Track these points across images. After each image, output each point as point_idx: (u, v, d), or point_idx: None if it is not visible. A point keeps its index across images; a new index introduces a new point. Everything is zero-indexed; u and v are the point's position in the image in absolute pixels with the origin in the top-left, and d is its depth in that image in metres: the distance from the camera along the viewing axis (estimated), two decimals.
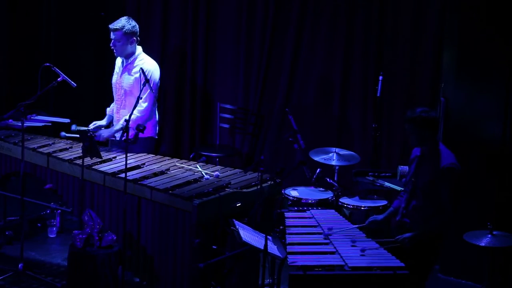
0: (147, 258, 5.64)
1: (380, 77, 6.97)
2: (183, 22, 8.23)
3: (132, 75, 6.44)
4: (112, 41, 6.39)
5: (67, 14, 8.90)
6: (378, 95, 7.01)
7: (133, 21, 6.42)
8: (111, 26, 6.37)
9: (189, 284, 5.41)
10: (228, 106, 8.09)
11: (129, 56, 6.46)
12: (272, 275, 5.35)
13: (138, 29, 6.43)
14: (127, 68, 6.47)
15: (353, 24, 7.42)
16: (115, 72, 6.63)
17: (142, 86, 5.97)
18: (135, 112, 6.25)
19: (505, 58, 6.34)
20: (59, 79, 6.32)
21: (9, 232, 6.99)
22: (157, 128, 6.63)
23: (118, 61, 6.60)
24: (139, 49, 6.50)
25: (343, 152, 6.89)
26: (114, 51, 6.45)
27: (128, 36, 6.36)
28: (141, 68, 6.18)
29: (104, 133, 6.46)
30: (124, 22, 6.36)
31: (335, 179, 6.81)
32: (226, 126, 8.13)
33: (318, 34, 7.59)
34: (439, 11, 6.96)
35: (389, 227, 5.81)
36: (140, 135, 6.30)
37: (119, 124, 6.40)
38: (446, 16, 6.83)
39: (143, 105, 6.33)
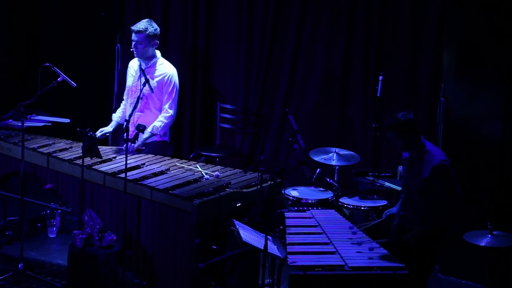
0: (147, 258, 5.64)
1: (380, 77, 6.97)
2: (183, 22, 8.23)
3: (152, 79, 6.38)
4: (134, 43, 6.32)
5: (67, 14, 8.90)
6: (378, 95, 7.01)
7: (155, 23, 6.36)
8: (133, 27, 6.30)
9: (189, 284, 5.41)
10: (228, 106, 8.10)
11: (149, 59, 6.41)
12: (272, 275, 5.35)
13: (159, 33, 6.39)
14: (146, 72, 6.39)
15: (353, 24, 7.41)
16: (130, 74, 6.54)
17: (142, 86, 5.97)
18: (161, 118, 6.28)
19: (505, 58, 6.34)
20: (59, 79, 6.32)
21: (9, 232, 6.99)
22: (169, 132, 6.62)
23: (135, 64, 6.51)
24: (158, 53, 6.46)
25: (343, 152, 6.89)
26: (135, 52, 6.39)
27: (150, 38, 6.31)
28: (140, 68, 6.18)
29: (135, 144, 6.27)
30: (146, 25, 6.30)
31: (335, 179, 6.81)
32: (226, 126, 8.13)
33: (318, 34, 7.59)
34: (439, 11, 6.95)
35: (389, 228, 5.81)
36: (155, 138, 6.31)
37: (147, 133, 6.28)
38: (446, 16, 6.83)
39: (170, 111, 6.33)
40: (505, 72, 6.36)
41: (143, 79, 6.04)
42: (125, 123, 6.27)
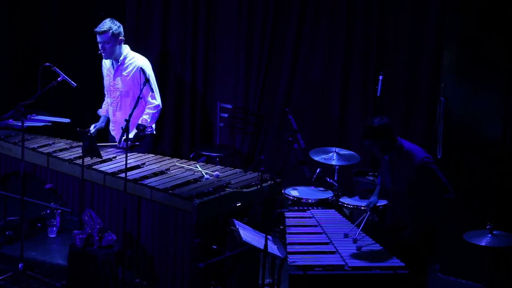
0: (147, 258, 5.64)
1: (380, 77, 6.97)
2: (183, 22, 8.23)
3: (126, 76, 6.44)
4: (101, 44, 6.37)
5: (67, 14, 8.90)
6: (378, 95, 7.01)
7: (117, 22, 6.42)
8: (97, 29, 6.35)
9: (189, 284, 5.41)
10: (228, 106, 8.09)
11: (118, 57, 6.45)
12: (272, 275, 5.35)
13: (122, 30, 6.44)
14: (119, 70, 6.47)
15: (353, 24, 7.41)
16: (105, 74, 6.63)
17: (142, 86, 5.97)
18: (148, 110, 6.28)
19: (505, 58, 6.34)
20: (59, 79, 6.32)
21: (9, 232, 6.99)
22: (155, 124, 6.64)
23: (107, 63, 6.59)
24: (126, 48, 6.51)
25: (343, 152, 6.89)
26: (103, 54, 6.44)
27: (116, 37, 6.36)
28: (140, 68, 6.18)
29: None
30: (110, 24, 6.35)
31: (335, 179, 6.81)
32: (226, 126, 8.12)
33: (318, 34, 7.59)
34: (439, 11, 6.96)
35: (386, 227, 5.80)
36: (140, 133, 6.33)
37: (134, 129, 6.31)
38: (446, 16, 6.83)
39: (153, 101, 6.37)
40: (505, 72, 6.36)
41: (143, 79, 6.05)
42: (115, 122, 6.30)
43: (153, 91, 6.36)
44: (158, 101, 6.42)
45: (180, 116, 8.36)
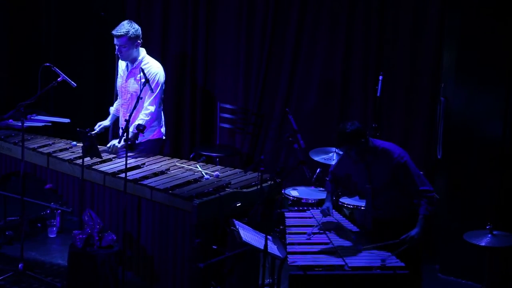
0: (147, 258, 5.64)
1: (380, 77, 6.97)
2: (183, 22, 8.23)
3: (138, 80, 6.36)
4: (117, 47, 6.28)
5: (67, 14, 8.91)
6: (378, 95, 7.00)
7: (135, 24, 6.32)
8: (114, 32, 6.24)
9: (189, 284, 5.41)
10: (228, 106, 8.09)
11: (134, 60, 6.39)
12: (272, 275, 5.35)
13: (141, 32, 6.37)
14: (132, 73, 6.40)
15: (353, 24, 7.41)
16: (119, 75, 6.57)
17: (142, 86, 5.96)
18: (142, 116, 6.23)
19: (505, 58, 6.34)
20: (59, 79, 6.31)
21: (9, 232, 6.99)
22: (164, 128, 6.62)
23: (122, 64, 6.51)
24: (143, 51, 6.43)
25: None
26: (120, 56, 6.38)
27: (133, 40, 6.27)
28: (140, 67, 6.16)
29: (118, 144, 6.23)
30: (127, 27, 6.24)
31: None
32: (226, 126, 8.13)
33: (318, 34, 7.59)
34: (439, 11, 6.96)
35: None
36: (149, 136, 6.32)
37: (130, 133, 6.29)
38: (446, 16, 6.83)
39: (150, 108, 6.27)
40: (505, 72, 6.36)
41: (143, 80, 6.03)
42: (124, 123, 6.27)
43: (154, 99, 6.27)
44: (154, 108, 6.31)
45: (180, 116, 8.36)
